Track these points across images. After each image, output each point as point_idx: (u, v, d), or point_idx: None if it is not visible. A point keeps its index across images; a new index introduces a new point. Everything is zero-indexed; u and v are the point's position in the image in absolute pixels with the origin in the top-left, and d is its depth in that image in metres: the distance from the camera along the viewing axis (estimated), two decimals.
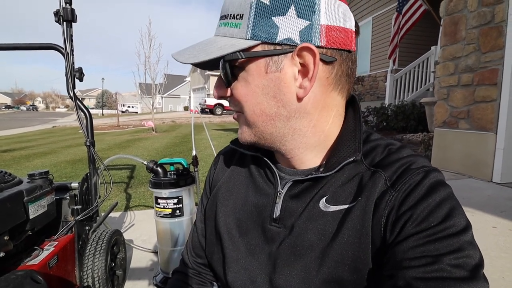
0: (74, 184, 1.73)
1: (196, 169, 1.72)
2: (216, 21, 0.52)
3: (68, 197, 1.63)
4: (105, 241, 1.60)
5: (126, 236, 2.14)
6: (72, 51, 1.66)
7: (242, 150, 0.61)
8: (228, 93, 0.52)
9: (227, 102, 0.55)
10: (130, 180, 4.24)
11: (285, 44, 0.45)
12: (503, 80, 3.39)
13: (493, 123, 3.51)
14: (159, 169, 1.56)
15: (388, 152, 0.50)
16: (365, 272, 0.44)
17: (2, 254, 1.15)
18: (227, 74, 0.49)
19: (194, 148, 1.80)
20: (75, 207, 1.61)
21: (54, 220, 1.51)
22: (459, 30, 3.89)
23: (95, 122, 1.83)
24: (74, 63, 1.67)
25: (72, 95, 1.67)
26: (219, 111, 22.04)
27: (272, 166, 0.56)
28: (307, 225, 0.50)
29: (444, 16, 4.13)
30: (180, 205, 1.52)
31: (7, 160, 6.34)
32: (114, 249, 1.74)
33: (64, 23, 1.62)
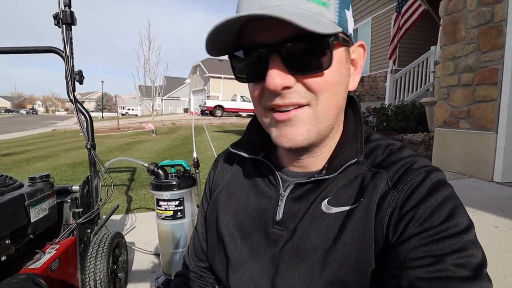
0: (75, 187, 1.73)
1: (197, 170, 1.72)
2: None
3: (69, 200, 1.63)
4: (106, 243, 1.60)
5: (128, 238, 2.14)
6: (72, 54, 1.67)
7: (242, 153, 0.60)
8: (292, 81, 0.43)
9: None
10: (131, 183, 4.24)
11: (351, 37, 0.48)
12: (503, 79, 3.39)
13: (493, 123, 3.51)
14: (160, 171, 1.56)
15: (389, 152, 0.50)
16: (368, 273, 0.44)
17: (3, 258, 1.15)
18: (326, 57, 0.42)
19: (195, 150, 1.80)
20: (76, 210, 1.61)
21: (55, 223, 1.51)
22: (458, 30, 3.89)
23: (95, 125, 1.83)
24: (74, 66, 1.67)
25: (72, 98, 1.67)
26: (219, 113, 22.02)
27: (274, 169, 0.56)
28: (309, 227, 0.49)
29: (444, 15, 4.13)
30: (182, 207, 1.52)
31: (8, 163, 6.34)
32: (116, 251, 1.73)
33: (64, 26, 1.63)
